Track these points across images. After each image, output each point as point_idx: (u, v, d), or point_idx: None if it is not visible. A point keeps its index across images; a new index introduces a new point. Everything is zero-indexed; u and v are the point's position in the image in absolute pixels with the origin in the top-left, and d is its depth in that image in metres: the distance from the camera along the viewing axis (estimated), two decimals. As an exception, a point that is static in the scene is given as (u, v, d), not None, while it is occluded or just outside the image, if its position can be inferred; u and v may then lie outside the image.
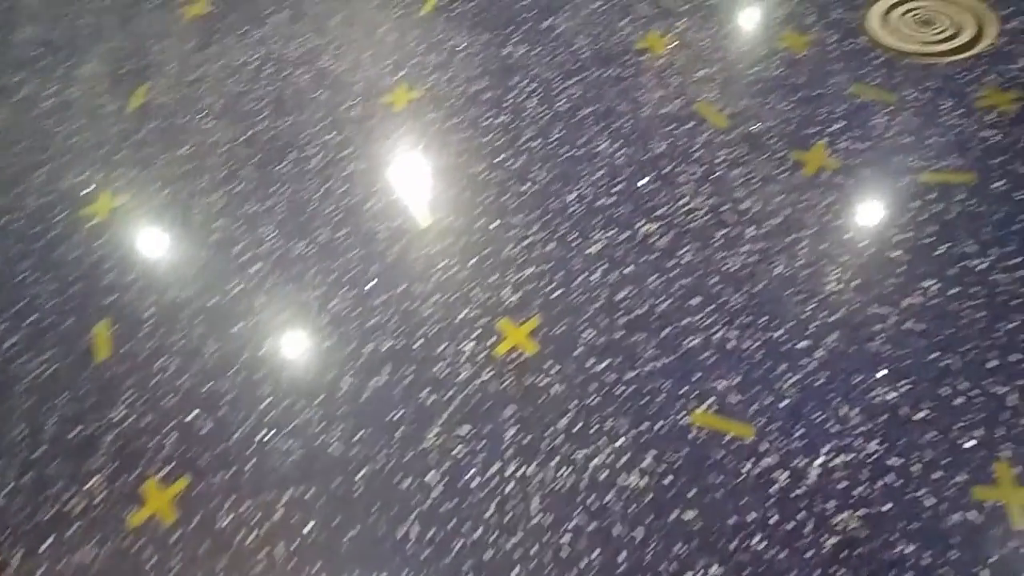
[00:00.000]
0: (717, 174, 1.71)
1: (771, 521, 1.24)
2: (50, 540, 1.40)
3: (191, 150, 2.01)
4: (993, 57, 1.83)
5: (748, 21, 2.04)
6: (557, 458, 1.36)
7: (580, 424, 1.39)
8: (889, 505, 1.22)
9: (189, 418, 1.53)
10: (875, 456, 1.27)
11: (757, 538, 1.23)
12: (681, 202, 1.68)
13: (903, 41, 1.92)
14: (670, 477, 1.31)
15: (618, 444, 1.36)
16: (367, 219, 1.77)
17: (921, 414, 1.30)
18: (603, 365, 1.45)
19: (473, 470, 1.37)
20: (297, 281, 1.69)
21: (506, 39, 2.14)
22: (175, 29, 2.38)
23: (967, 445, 1.26)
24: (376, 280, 1.65)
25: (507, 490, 1.35)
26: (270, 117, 2.04)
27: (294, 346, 1.59)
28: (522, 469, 1.36)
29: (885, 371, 1.36)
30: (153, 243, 1.83)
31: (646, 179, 1.73)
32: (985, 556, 1.16)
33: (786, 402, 1.35)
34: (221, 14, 2.40)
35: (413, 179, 1.83)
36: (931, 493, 1.22)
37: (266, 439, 1.48)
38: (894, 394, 1.33)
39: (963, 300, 1.43)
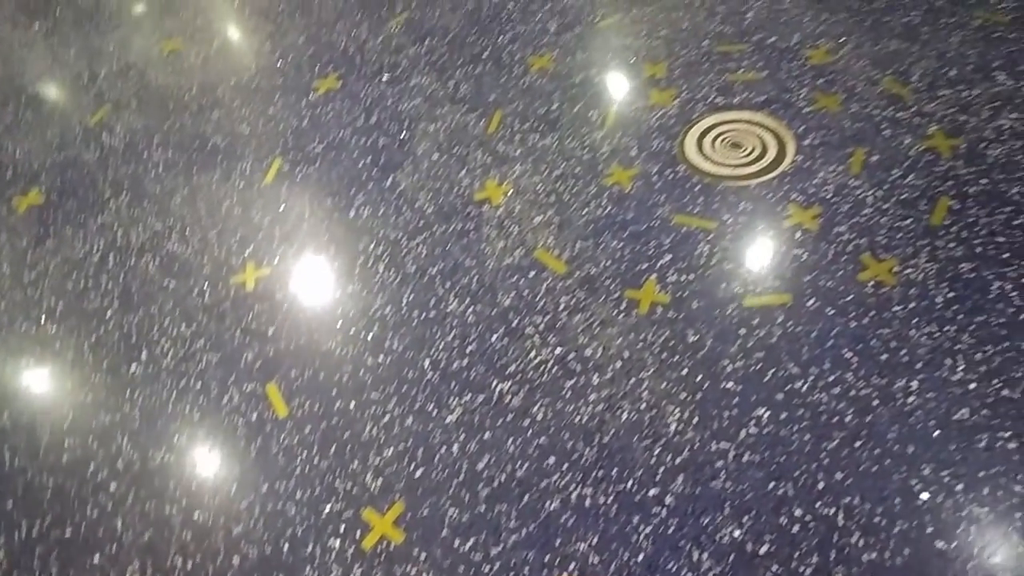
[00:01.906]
0: (561, 322, 1.86)
1: None
2: None
3: (30, 363, 2.00)
4: (794, 175, 2.09)
5: (575, 159, 2.25)
6: (434, 652, 1.41)
7: (453, 611, 1.45)
8: (744, 650, 1.34)
9: (48, 670, 1.50)
10: (728, 598, 1.39)
11: None
12: (531, 355, 1.81)
13: (717, 166, 2.17)
14: (544, 654, 1.39)
15: (491, 626, 1.43)
16: (224, 415, 1.81)
17: (764, 548, 1.44)
18: (469, 544, 1.53)
19: (353, 678, 1.41)
20: (158, 496, 1.70)
21: (350, 202, 2.27)
22: (7, 224, 2.39)
23: (806, 574, 1.40)
24: (238, 483, 1.69)
25: None
26: (117, 314, 2.07)
27: (158, 569, 1.59)
28: (401, 669, 1.41)
29: (729, 508, 1.50)
30: (-4, 474, 1.80)
31: (496, 336, 1.86)
32: None
33: (642, 555, 1.47)
34: (56, 203, 2.44)
35: (268, 365, 1.89)
36: (780, 630, 1.35)
37: None
38: (739, 531, 1.47)
39: (791, 424, 1.60)
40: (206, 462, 1.73)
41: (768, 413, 1.63)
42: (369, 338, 1.91)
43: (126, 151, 2.60)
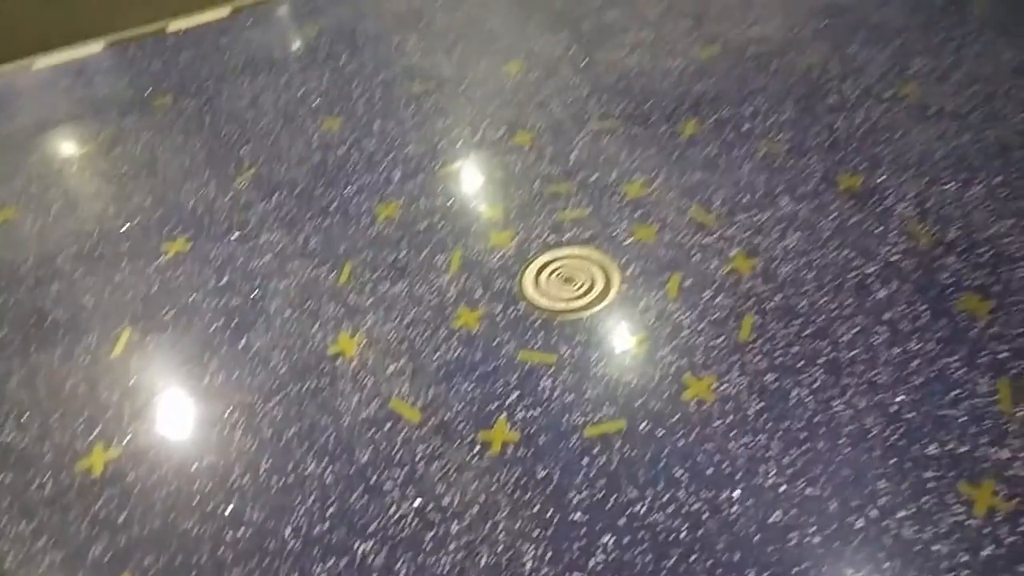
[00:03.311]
0: (419, 473, 1.97)
1: None
2: None
3: None
4: (621, 304, 2.35)
5: (425, 304, 2.42)
6: None
7: None
8: None
9: None
10: None
11: None
12: (390, 511, 1.90)
13: (553, 301, 2.41)
14: None
15: None
16: (72, 619, 1.77)
17: (620, 675, 1.57)
18: None
19: None
20: None
21: (204, 368, 2.32)
22: None
23: None
24: None
25: None
26: (-54, 521, 1.99)
27: None
28: None
29: (585, 640, 1.62)
30: None
31: (356, 494, 1.94)
32: None
33: None
34: None
35: (119, 556, 1.87)
36: None
37: None
38: (596, 662, 1.59)
39: (634, 547, 1.77)
40: (53, 674, 1.68)
41: (613, 539, 1.79)
42: (228, 512, 1.94)
43: (-45, 335, 2.54)
